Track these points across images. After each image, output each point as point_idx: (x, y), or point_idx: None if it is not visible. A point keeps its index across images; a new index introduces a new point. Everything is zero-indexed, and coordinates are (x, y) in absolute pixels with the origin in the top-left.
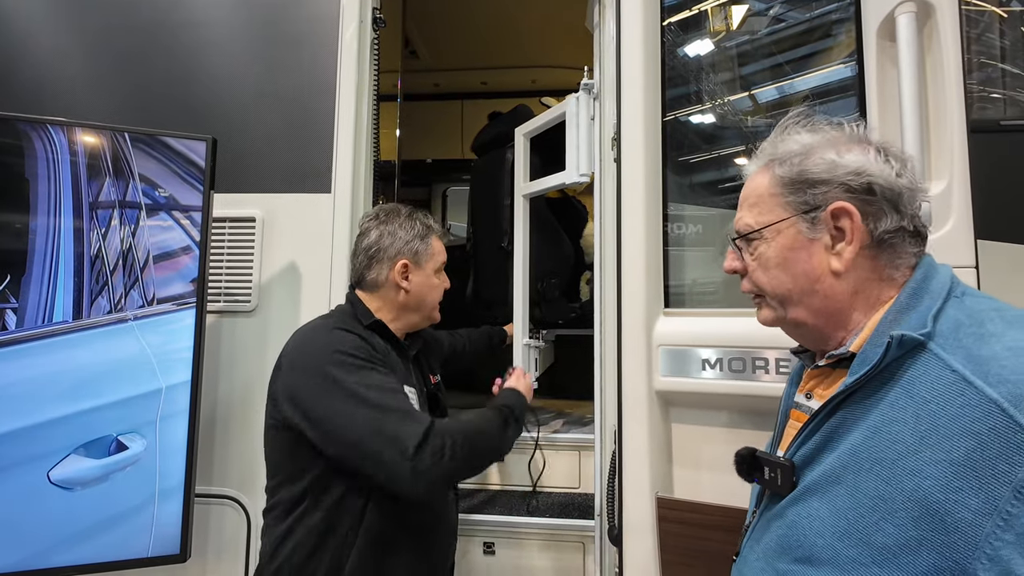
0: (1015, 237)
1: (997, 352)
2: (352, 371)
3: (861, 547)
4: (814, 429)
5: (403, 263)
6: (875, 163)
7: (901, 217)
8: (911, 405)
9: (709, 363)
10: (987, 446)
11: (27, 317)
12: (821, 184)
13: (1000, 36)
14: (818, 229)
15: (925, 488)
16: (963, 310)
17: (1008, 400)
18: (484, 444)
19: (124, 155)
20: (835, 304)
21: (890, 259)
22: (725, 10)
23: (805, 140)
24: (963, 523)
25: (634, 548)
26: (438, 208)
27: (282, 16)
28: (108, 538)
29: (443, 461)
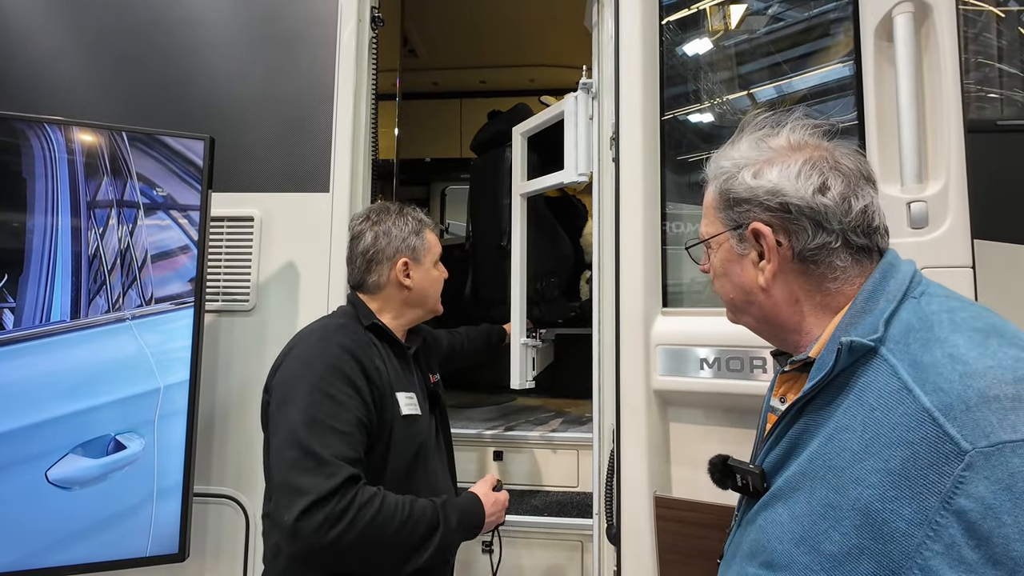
0: (1012, 237)
1: (937, 359)
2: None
3: (813, 554)
4: (780, 434)
5: (403, 261)
6: (792, 181)
7: (827, 233)
8: (860, 412)
9: (707, 362)
10: (919, 456)
11: (24, 317)
12: (743, 203)
13: (997, 36)
14: (745, 246)
15: (866, 497)
16: (916, 312)
17: (939, 409)
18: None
19: (122, 154)
20: (775, 313)
21: (824, 272)
22: (723, 9)
23: (736, 156)
24: (898, 532)
25: (632, 547)
26: (437, 207)
27: (280, 15)
28: (106, 537)
29: (331, 531)
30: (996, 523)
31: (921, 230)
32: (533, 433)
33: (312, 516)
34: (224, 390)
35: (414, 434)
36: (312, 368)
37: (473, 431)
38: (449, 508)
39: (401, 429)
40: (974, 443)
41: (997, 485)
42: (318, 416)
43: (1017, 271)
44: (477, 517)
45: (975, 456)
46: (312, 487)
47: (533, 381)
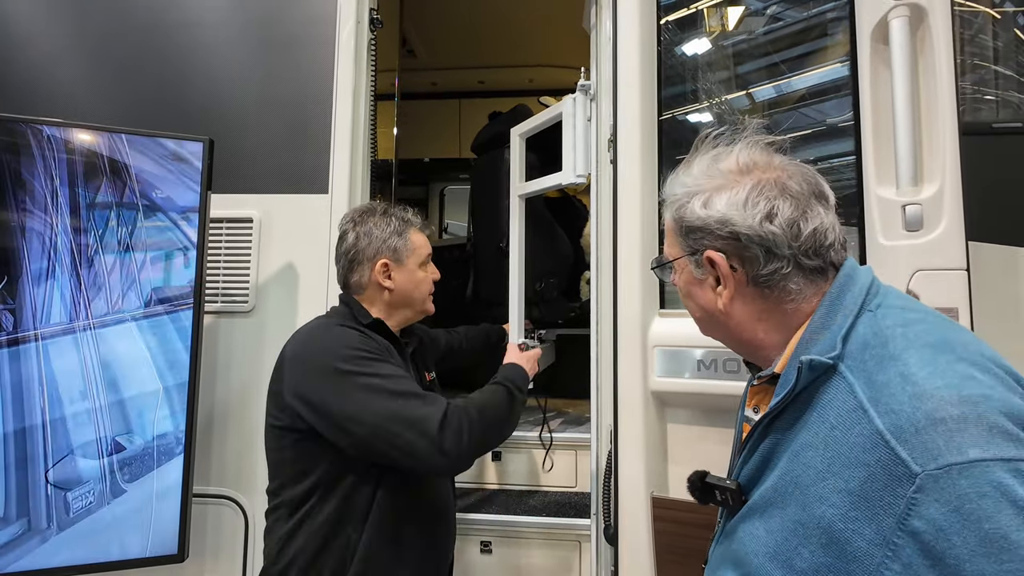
0: (1007, 239)
1: (891, 378)
2: (362, 364)
3: (785, 569)
4: (753, 448)
5: (382, 262)
6: (740, 210)
7: (778, 259)
8: (822, 431)
9: (704, 364)
10: (875, 478)
11: (23, 318)
12: (696, 231)
13: (993, 37)
14: (703, 271)
15: (829, 516)
16: (872, 327)
17: (891, 432)
18: (496, 418)
19: (121, 156)
20: (739, 333)
21: (782, 294)
22: (721, 10)
23: (688, 183)
24: (860, 552)
25: (629, 547)
26: (436, 207)
27: (279, 17)
28: (106, 537)
29: (463, 439)
30: (947, 544)
31: (916, 232)
32: (531, 433)
33: (447, 430)
34: (223, 391)
35: None
36: (340, 348)
37: None
38: (511, 379)
39: None
40: (923, 466)
41: (947, 507)
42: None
43: (1012, 273)
44: (525, 379)
45: (925, 479)
46: (430, 412)
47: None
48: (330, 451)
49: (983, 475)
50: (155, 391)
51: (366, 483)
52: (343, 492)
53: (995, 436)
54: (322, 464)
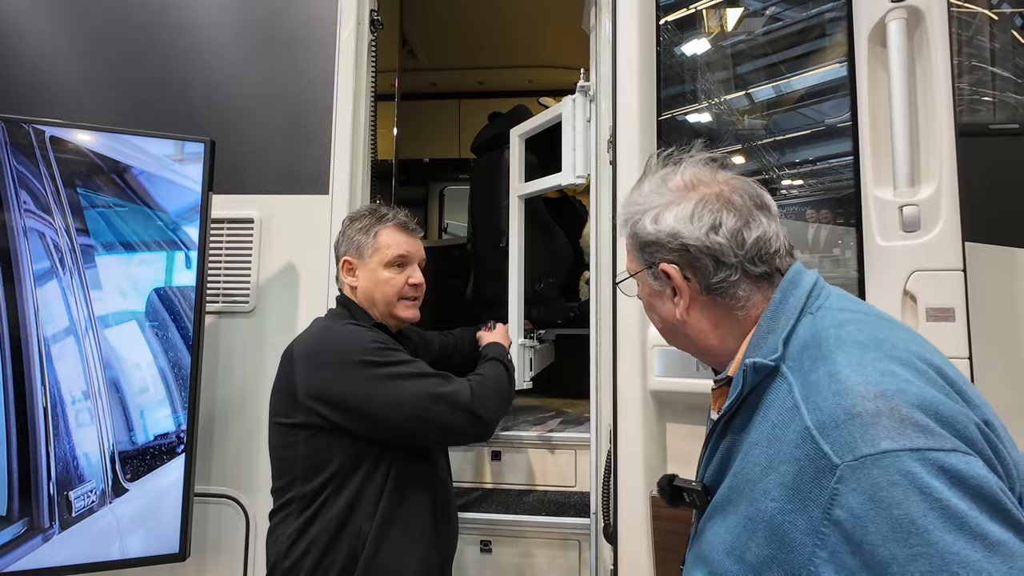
0: (1003, 239)
1: (820, 377)
2: (381, 354)
3: (740, 563)
4: (713, 448)
5: (345, 260)
6: (687, 224)
7: (726, 268)
8: (766, 429)
9: (702, 364)
10: (804, 471)
11: (25, 318)
12: (649, 245)
13: (990, 39)
14: (660, 283)
15: (771, 510)
16: (811, 328)
17: (816, 427)
18: (504, 388)
19: (122, 157)
20: (699, 340)
21: (732, 301)
22: (720, 10)
23: (640, 202)
24: (795, 542)
25: (628, 546)
26: (435, 207)
27: (279, 18)
28: (108, 537)
29: (489, 406)
30: (864, 531)
31: (913, 233)
32: (531, 433)
33: (476, 400)
34: (224, 391)
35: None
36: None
37: None
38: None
39: None
40: (842, 458)
41: (863, 496)
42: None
43: (1008, 273)
44: (506, 352)
45: (844, 470)
46: (458, 387)
47: (530, 382)
48: (344, 445)
49: (893, 464)
50: (156, 391)
51: (376, 474)
52: (356, 484)
53: (906, 427)
54: (336, 459)
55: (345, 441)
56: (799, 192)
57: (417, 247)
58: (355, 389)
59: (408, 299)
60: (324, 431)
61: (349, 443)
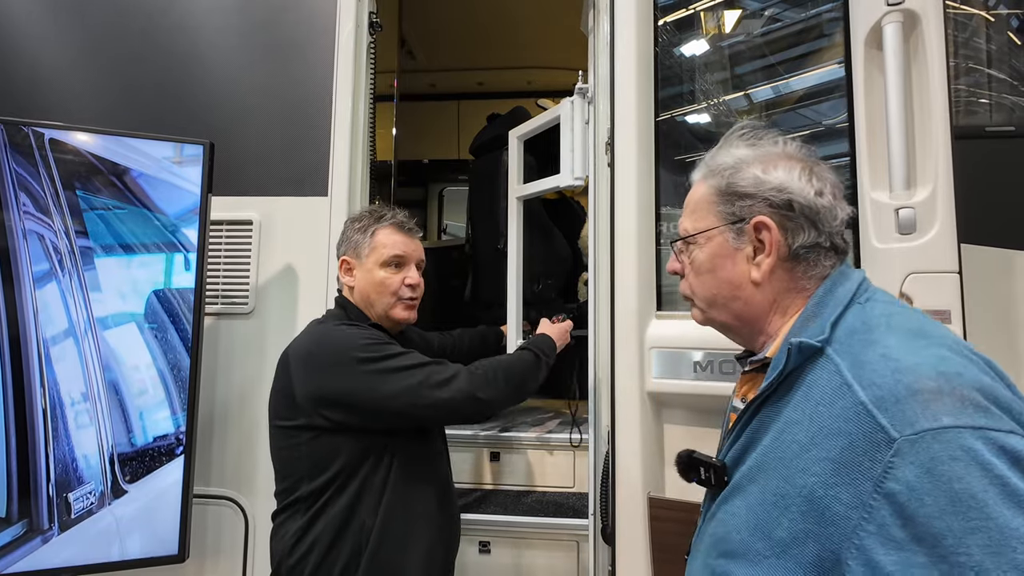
0: (999, 241)
1: (873, 357)
2: (374, 350)
3: (766, 540)
4: (740, 431)
5: (343, 260)
6: (797, 181)
7: (819, 234)
8: (808, 407)
9: (700, 365)
10: (856, 445)
11: (24, 319)
12: (747, 197)
13: (987, 41)
14: (742, 240)
15: (811, 485)
16: (860, 316)
17: (873, 403)
18: (518, 373)
19: (121, 159)
20: (754, 311)
21: (805, 271)
22: (718, 12)
23: (739, 154)
24: (838, 516)
25: (626, 547)
26: (434, 208)
27: (278, 20)
28: (107, 538)
29: (490, 386)
30: (919, 503)
31: (909, 235)
32: (529, 434)
33: (475, 379)
34: (224, 392)
35: (417, 433)
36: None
37: (469, 432)
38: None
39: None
40: (901, 431)
41: (920, 469)
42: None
43: (1004, 275)
44: (552, 343)
45: (902, 443)
46: (455, 369)
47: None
48: (347, 443)
49: (955, 440)
50: (156, 392)
51: (379, 468)
52: (359, 480)
53: (967, 406)
54: (340, 457)
55: (348, 439)
56: None
57: (415, 248)
58: (355, 385)
59: (405, 300)
60: (327, 432)
61: (353, 441)
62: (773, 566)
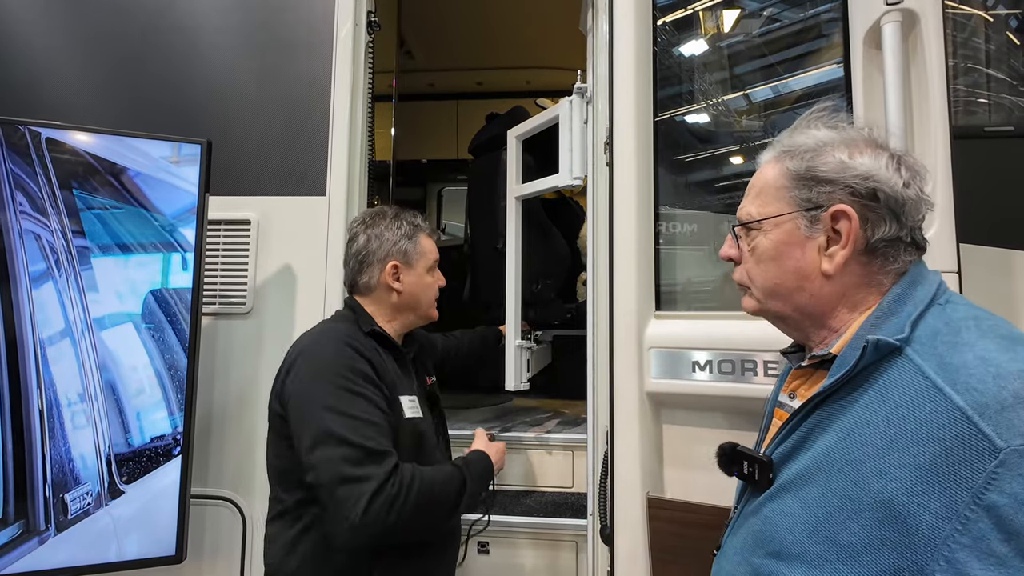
0: (998, 241)
1: (968, 361)
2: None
3: (828, 544)
4: (793, 428)
5: (393, 264)
6: (884, 170)
7: (901, 227)
8: (884, 409)
9: (699, 365)
10: (951, 452)
11: (21, 320)
12: (827, 183)
13: (986, 40)
14: (816, 228)
15: (890, 490)
16: (942, 318)
17: (974, 408)
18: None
19: (119, 158)
20: (819, 304)
21: (881, 266)
22: (716, 12)
23: (820, 136)
24: (924, 525)
25: (625, 547)
26: (433, 208)
27: (277, 19)
28: (104, 539)
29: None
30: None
31: None
32: (528, 434)
33: (376, 501)
34: (221, 392)
35: (418, 436)
36: (332, 369)
37: (469, 432)
38: (470, 467)
39: (406, 431)
40: (1009, 441)
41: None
42: (351, 411)
43: (1004, 275)
44: (489, 469)
45: (1010, 454)
46: (369, 474)
47: (528, 383)
48: None
49: None
50: (153, 393)
51: None
52: None
53: None
54: None
55: None
56: None
57: None
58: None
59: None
60: None
61: None
62: (838, 571)
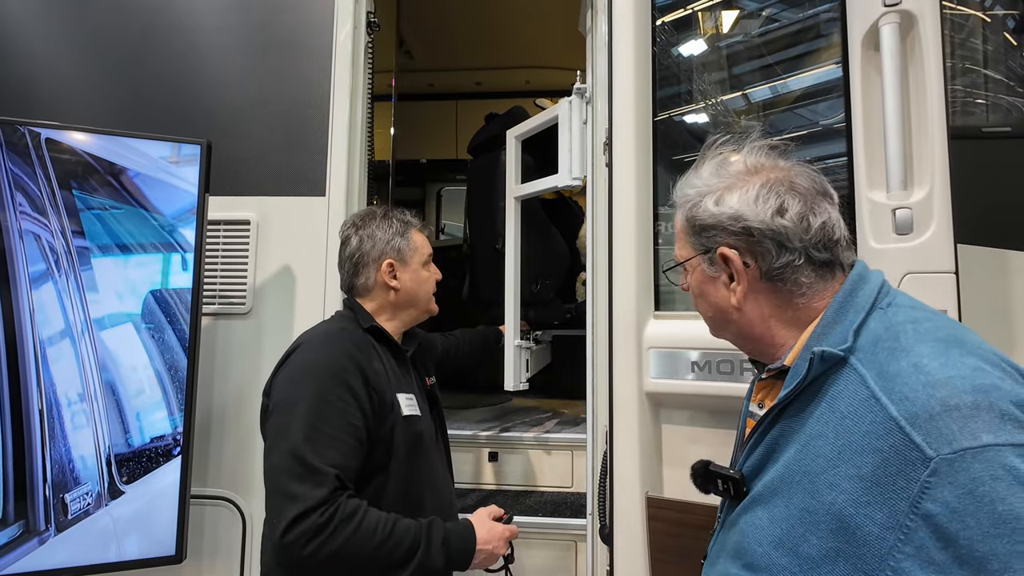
0: (995, 241)
1: (903, 368)
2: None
3: (791, 556)
4: (759, 439)
5: (388, 263)
6: (752, 206)
7: (790, 252)
8: (833, 420)
9: (698, 365)
10: (889, 463)
11: (21, 320)
12: (709, 229)
13: (983, 41)
14: (716, 268)
15: (840, 502)
16: (884, 322)
17: (906, 419)
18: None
19: (119, 159)
20: (751, 329)
21: (794, 287)
22: (715, 13)
23: (699, 183)
24: (871, 536)
25: (624, 546)
26: (432, 208)
27: (276, 20)
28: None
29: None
30: (961, 525)
31: (906, 236)
32: (528, 434)
33: (298, 526)
34: (221, 392)
35: (415, 434)
36: (313, 374)
37: (468, 432)
38: (435, 530)
39: (402, 429)
40: (938, 450)
41: (961, 490)
42: (314, 422)
43: (1000, 275)
44: (466, 543)
45: (939, 463)
46: (301, 495)
47: (527, 383)
48: None
49: (996, 459)
50: (153, 393)
51: (365, 488)
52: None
53: (1006, 423)
54: None
55: None
56: None
57: None
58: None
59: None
60: None
61: None
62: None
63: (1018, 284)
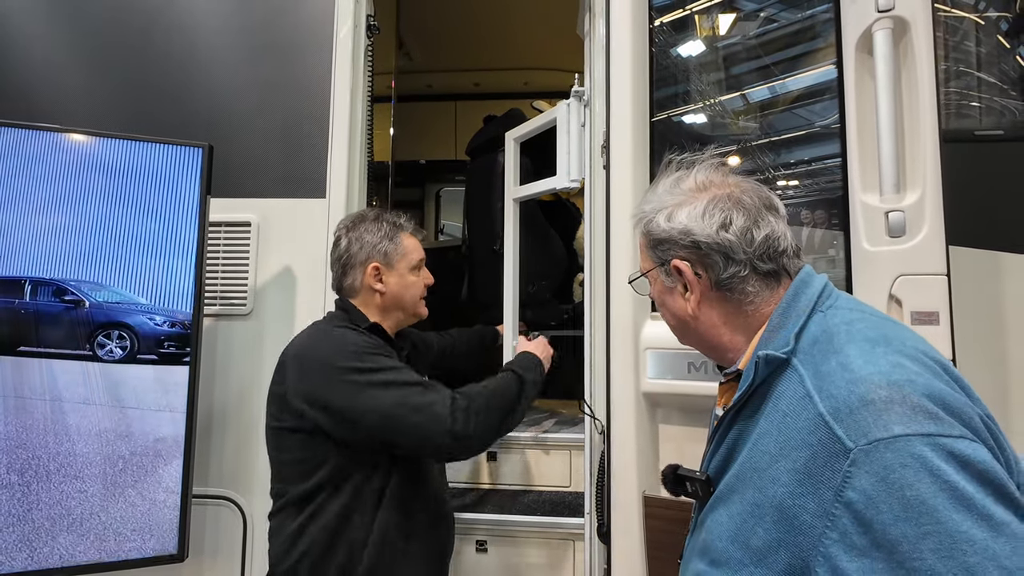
0: (988, 243)
1: (832, 368)
2: (364, 360)
3: (744, 549)
4: (720, 440)
5: (374, 266)
6: (698, 221)
7: (735, 264)
8: (776, 418)
9: (694, 366)
10: (817, 456)
11: (23, 320)
12: (663, 243)
13: (976, 44)
14: (672, 279)
15: (780, 495)
16: (822, 325)
17: (830, 414)
18: (503, 403)
19: (120, 162)
20: (709, 336)
21: (742, 296)
22: (712, 14)
23: (654, 201)
24: (805, 525)
25: (622, 545)
26: (432, 209)
27: (276, 22)
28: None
29: (472, 422)
30: (876, 511)
31: (899, 238)
32: (526, 434)
33: (456, 413)
34: (222, 392)
35: None
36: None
37: None
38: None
39: None
40: (856, 442)
41: (875, 477)
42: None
43: (992, 277)
44: (536, 362)
45: (857, 453)
46: (437, 398)
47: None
48: (336, 448)
49: (905, 448)
50: (154, 393)
51: (373, 478)
52: (351, 488)
53: (917, 414)
54: (329, 462)
55: (336, 444)
56: (794, 193)
57: None
58: (336, 394)
59: (424, 298)
60: (315, 434)
61: (341, 446)
62: (752, 574)
63: (1010, 285)
